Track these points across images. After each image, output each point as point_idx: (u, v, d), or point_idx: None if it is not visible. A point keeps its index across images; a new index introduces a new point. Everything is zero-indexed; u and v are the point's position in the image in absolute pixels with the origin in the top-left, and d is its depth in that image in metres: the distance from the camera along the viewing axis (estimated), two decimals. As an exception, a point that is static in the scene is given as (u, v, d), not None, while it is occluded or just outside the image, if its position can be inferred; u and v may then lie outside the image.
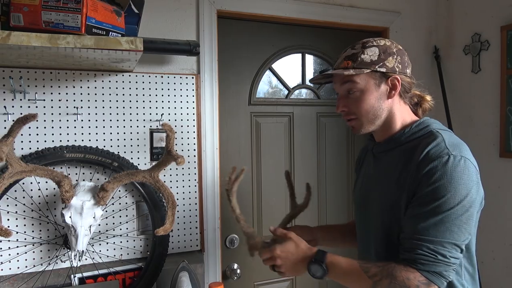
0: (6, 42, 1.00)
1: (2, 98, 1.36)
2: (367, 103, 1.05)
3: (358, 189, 1.22)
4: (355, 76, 1.04)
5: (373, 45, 1.05)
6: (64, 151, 1.40)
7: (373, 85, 1.04)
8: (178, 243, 1.60)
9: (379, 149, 1.12)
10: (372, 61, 1.03)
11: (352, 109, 1.07)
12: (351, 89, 1.06)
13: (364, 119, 1.07)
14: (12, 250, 1.39)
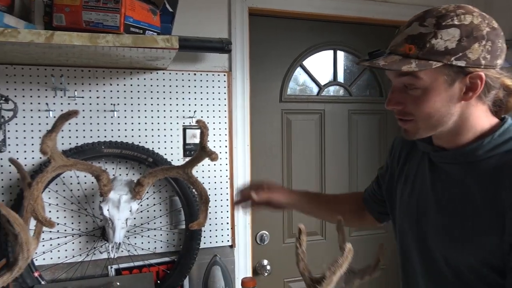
0: (50, 41, 1.05)
1: (44, 95, 1.43)
2: (431, 106, 0.78)
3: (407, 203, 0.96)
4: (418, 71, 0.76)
5: (453, 24, 0.74)
6: (102, 146, 1.45)
7: (442, 83, 0.77)
8: (209, 238, 1.63)
9: (443, 159, 0.87)
10: (447, 50, 0.73)
11: (409, 108, 0.81)
12: (411, 85, 0.79)
13: (423, 124, 0.81)
14: (53, 241, 1.46)
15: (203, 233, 1.58)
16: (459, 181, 0.83)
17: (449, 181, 0.85)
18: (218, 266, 1.38)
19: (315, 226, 1.93)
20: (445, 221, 0.85)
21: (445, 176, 0.87)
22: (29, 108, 1.41)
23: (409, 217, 0.95)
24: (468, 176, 0.81)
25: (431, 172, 0.90)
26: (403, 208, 0.98)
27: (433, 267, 0.88)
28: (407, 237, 0.96)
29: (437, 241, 0.87)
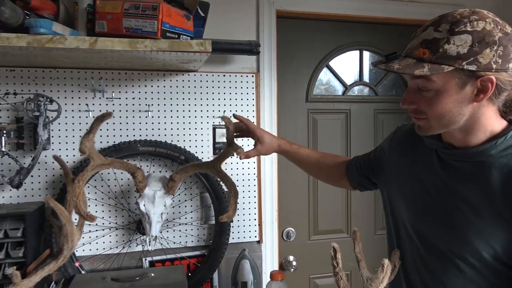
0: (93, 47, 1.13)
1: (84, 96, 1.52)
2: (443, 107, 0.82)
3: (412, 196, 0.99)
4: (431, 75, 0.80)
5: (465, 30, 0.77)
6: (138, 144, 1.53)
7: (454, 85, 0.80)
8: (238, 233, 1.69)
9: (453, 157, 0.91)
10: (459, 55, 0.77)
11: (422, 108, 0.86)
12: (424, 87, 0.83)
13: (435, 123, 0.86)
14: (92, 233, 1.55)
15: (231, 228, 1.64)
16: (470, 178, 0.87)
17: (460, 177, 0.89)
18: (247, 259, 1.44)
19: (340, 224, 1.96)
20: (455, 216, 0.88)
21: (455, 172, 0.90)
22: (71, 108, 1.51)
23: (414, 209, 0.98)
24: (480, 174, 0.85)
25: (441, 169, 0.93)
26: (408, 201, 1.01)
27: (436, 258, 0.92)
28: (408, 227, 1.00)
29: (443, 234, 0.90)
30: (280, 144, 1.34)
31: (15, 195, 1.47)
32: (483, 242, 0.84)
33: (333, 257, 0.85)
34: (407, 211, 1.01)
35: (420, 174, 0.98)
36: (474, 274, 0.87)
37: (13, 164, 1.43)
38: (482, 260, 0.85)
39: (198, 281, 1.59)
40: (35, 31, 1.09)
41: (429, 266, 0.95)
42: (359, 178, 1.25)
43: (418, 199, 0.97)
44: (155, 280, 1.40)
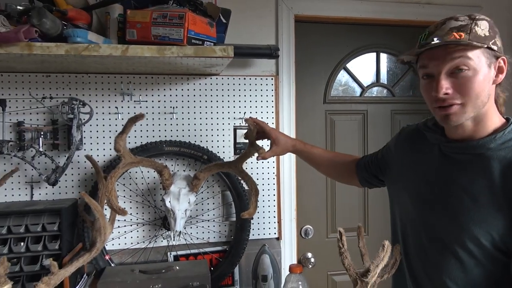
0: (125, 54, 1.22)
1: (114, 100, 1.62)
2: (480, 85, 0.87)
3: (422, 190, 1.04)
4: (469, 50, 0.86)
5: (483, 18, 0.89)
6: (163, 145, 1.62)
7: (485, 64, 0.87)
8: (258, 230, 1.76)
9: (455, 150, 0.97)
10: (486, 36, 0.87)
11: (460, 91, 0.88)
12: (463, 67, 0.87)
13: (471, 106, 0.89)
14: (121, 229, 1.64)
15: (252, 225, 1.71)
16: (470, 170, 0.93)
17: (461, 169, 0.95)
18: (267, 254, 1.50)
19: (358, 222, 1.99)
20: (456, 205, 0.94)
21: (456, 165, 0.96)
22: (102, 111, 1.60)
23: (418, 201, 1.04)
24: (480, 165, 0.91)
25: (443, 162, 0.99)
26: (413, 194, 1.07)
27: (438, 249, 0.98)
28: (413, 220, 1.06)
29: (446, 224, 0.96)
30: (294, 144, 1.40)
31: (51, 192, 1.58)
32: (482, 230, 0.89)
33: (339, 239, 0.93)
34: (412, 204, 1.07)
35: (424, 169, 1.04)
36: (474, 263, 0.92)
37: (49, 163, 1.53)
38: (481, 247, 0.90)
39: (220, 275, 1.66)
40: (72, 40, 1.19)
41: (432, 257, 1.01)
42: (367, 176, 1.31)
43: (422, 192, 1.04)
44: (180, 272, 1.48)
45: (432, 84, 0.92)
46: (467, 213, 0.92)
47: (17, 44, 1.14)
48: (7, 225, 1.38)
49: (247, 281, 1.70)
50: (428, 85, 0.93)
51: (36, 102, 1.54)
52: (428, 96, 0.95)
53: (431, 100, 0.94)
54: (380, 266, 0.89)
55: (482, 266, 0.92)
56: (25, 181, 1.56)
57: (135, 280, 1.43)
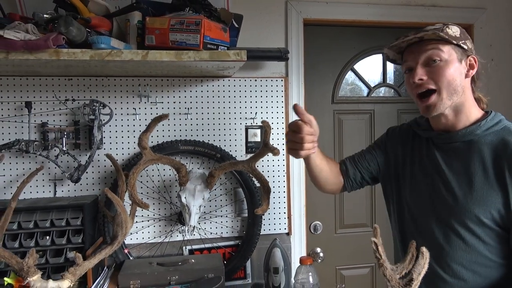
0: (145, 59, 1.30)
1: (132, 101, 1.70)
2: (451, 74, 1.03)
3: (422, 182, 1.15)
4: (441, 44, 1.02)
5: (454, 25, 1.07)
6: (179, 144, 1.70)
7: (456, 58, 1.04)
8: (269, 225, 1.83)
9: (446, 140, 1.10)
10: (456, 36, 1.04)
11: (433, 77, 1.04)
12: (435, 57, 1.03)
13: (445, 92, 1.04)
14: (138, 224, 1.73)
15: (263, 221, 1.78)
16: (463, 156, 1.07)
17: (454, 156, 1.09)
18: (278, 248, 1.57)
19: (365, 219, 2.06)
20: (456, 190, 1.06)
21: (449, 153, 1.10)
22: (121, 112, 1.69)
23: (419, 191, 1.15)
24: (471, 150, 1.06)
25: (437, 152, 1.12)
26: (412, 185, 1.17)
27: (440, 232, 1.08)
28: (411, 209, 1.16)
29: (447, 208, 1.07)
30: None
31: (73, 189, 1.67)
32: (482, 209, 1.02)
33: (375, 250, 0.92)
34: (410, 195, 1.17)
35: (420, 161, 1.17)
36: (476, 241, 1.03)
37: (72, 162, 1.62)
38: (483, 225, 1.02)
39: (232, 269, 1.74)
40: (97, 47, 1.27)
41: (437, 242, 1.10)
42: (353, 173, 1.31)
43: (422, 183, 1.15)
44: (195, 265, 1.56)
45: (410, 75, 1.08)
46: (465, 196, 1.04)
47: (46, 51, 1.23)
48: (34, 220, 1.47)
49: (258, 274, 1.77)
50: (408, 77, 1.09)
51: (60, 104, 1.63)
52: (409, 87, 1.10)
53: (411, 90, 1.09)
54: (422, 274, 0.91)
55: (485, 244, 1.02)
56: (49, 178, 1.65)
57: (153, 272, 1.51)
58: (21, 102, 1.61)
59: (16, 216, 1.45)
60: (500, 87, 2.07)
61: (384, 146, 1.33)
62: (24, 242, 1.45)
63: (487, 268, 1.04)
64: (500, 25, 2.07)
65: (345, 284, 2.05)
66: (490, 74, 2.07)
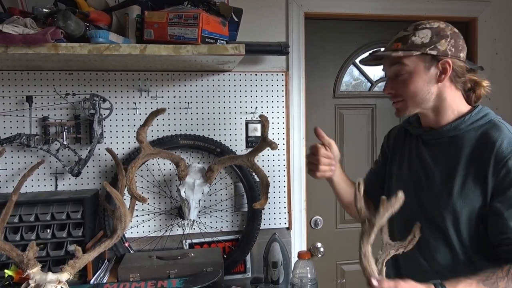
0: (143, 53, 1.30)
1: (132, 96, 1.71)
2: (415, 86, 1.05)
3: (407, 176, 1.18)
4: (404, 58, 1.04)
5: (425, 27, 1.05)
6: (179, 138, 1.70)
7: (422, 68, 1.05)
8: (269, 220, 1.83)
9: (433, 136, 1.13)
10: (423, 44, 1.03)
11: (399, 91, 1.08)
12: (399, 72, 1.07)
13: (410, 102, 1.08)
14: (139, 218, 1.74)
15: (263, 215, 1.79)
16: (449, 151, 1.08)
17: (440, 151, 1.11)
18: (277, 242, 1.57)
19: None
20: (439, 184, 1.08)
21: (436, 148, 1.12)
22: (121, 106, 1.69)
23: (410, 186, 1.16)
24: (455, 145, 1.08)
25: (426, 149, 1.15)
26: (402, 182, 1.20)
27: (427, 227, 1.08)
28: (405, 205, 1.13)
29: (434, 201, 1.09)
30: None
31: (74, 182, 1.68)
32: (463, 203, 1.03)
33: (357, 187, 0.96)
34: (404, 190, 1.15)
35: (409, 158, 1.20)
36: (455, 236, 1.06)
37: (72, 156, 1.63)
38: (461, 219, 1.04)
39: (232, 263, 1.74)
40: (95, 41, 1.27)
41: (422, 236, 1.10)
42: (374, 191, 1.29)
43: (408, 177, 1.18)
44: (195, 259, 1.57)
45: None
46: (448, 191, 1.06)
47: (44, 45, 1.23)
48: (35, 213, 1.49)
49: (258, 268, 1.78)
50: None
51: (60, 99, 1.64)
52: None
53: None
54: (389, 211, 0.92)
55: (463, 238, 1.04)
56: (50, 172, 1.66)
57: (153, 265, 1.52)
58: (22, 96, 1.62)
59: (17, 210, 1.47)
60: (504, 80, 2.05)
61: (385, 151, 1.35)
62: (25, 235, 1.47)
63: (457, 261, 1.07)
64: (505, 18, 2.04)
65: (346, 279, 2.05)
66: (494, 67, 2.05)
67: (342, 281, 2.05)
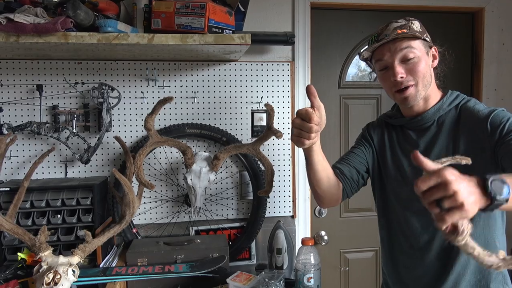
0: (151, 42, 1.33)
1: (140, 85, 1.73)
2: (424, 68, 1.13)
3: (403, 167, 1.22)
4: (412, 42, 1.11)
5: (415, 19, 1.16)
6: (185, 127, 1.73)
7: (425, 52, 1.15)
8: (273, 208, 1.86)
9: (420, 122, 1.19)
10: (420, 31, 1.13)
11: (411, 73, 1.12)
12: (409, 55, 1.11)
13: (421, 84, 1.13)
14: (146, 205, 1.77)
15: (268, 203, 1.81)
16: (435, 132, 1.17)
17: (428, 134, 1.18)
18: (282, 229, 1.60)
19: (370, 203, 2.08)
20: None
21: (423, 133, 1.19)
22: (129, 95, 1.72)
23: (401, 175, 1.22)
24: (440, 125, 1.17)
25: (412, 136, 1.21)
26: (396, 172, 1.24)
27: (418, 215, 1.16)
28: (396, 194, 1.24)
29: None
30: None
31: (83, 170, 1.72)
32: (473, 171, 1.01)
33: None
34: (395, 181, 1.24)
35: (398, 147, 1.25)
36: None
37: (81, 144, 1.67)
38: None
39: (237, 249, 1.78)
40: (104, 30, 1.29)
41: (414, 225, 1.19)
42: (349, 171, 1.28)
43: (402, 165, 1.22)
44: (201, 245, 1.60)
45: (388, 73, 1.15)
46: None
47: (54, 34, 1.26)
48: (46, 199, 1.53)
49: (263, 256, 1.81)
50: (386, 75, 1.16)
51: (70, 87, 1.67)
52: (387, 83, 1.17)
53: (390, 86, 1.17)
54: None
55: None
56: (60, 160, 1.70)
57: (160, 250, 1.56)
58: (32, 85, 1.65)
59: (28, 195, 1.50)
60: (511, 71, 2.04)
61: (368, 139, 1.35)
62: (36, 220, 1.51)
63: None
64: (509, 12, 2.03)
65: (349, 267, 2.09)
66: (501, 58, 2.04)
67: (346, 269, 2.08)
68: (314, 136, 1.03)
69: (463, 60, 2.09)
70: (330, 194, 1.23)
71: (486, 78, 2.04)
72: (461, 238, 0.70)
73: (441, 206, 0.68)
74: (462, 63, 2.09)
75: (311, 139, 1.03)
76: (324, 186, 1.20)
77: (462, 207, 0.66)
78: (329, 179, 1.20)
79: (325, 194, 1.22)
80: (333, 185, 1.22)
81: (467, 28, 2.09)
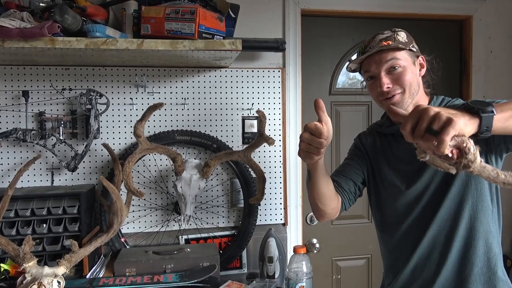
0: (140, 47, 1.31)
1: (129, 91, 1.71)
2: (410, 77, 1.15)
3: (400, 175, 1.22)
4: (397, 53, 1.14)
5: (401, 30, 1.19)
6: (175, 134, 1.70)
7: (411, 62, 1.17)
8: (265, 216, 1.84)
9: None
10: (405, 42, 1.16)
11: (398, 83, 1.14)
12: (395, 66, 1.14)
13: (408, 92, 1.15)
14: (135, 213, 1.74)
15: (259, 211, 1.79)
16: None
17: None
18: (273, 237, 1.58)
19: (362, 210, 2.07)
20: (425, 168, 1.16)
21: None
22: (117, 102, 1.69)
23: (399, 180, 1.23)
24: None
25: (402, 143, 1.16)
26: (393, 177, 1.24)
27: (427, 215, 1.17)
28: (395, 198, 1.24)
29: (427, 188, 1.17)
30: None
31: (70, 178, 1.68)
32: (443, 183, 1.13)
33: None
34: (391, 187, 1.25)
35: (391, 154, 1.26)
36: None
37: (69, 151, 1.63)
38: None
39: (228, 258, 1.75)
40: (92, 35, 1.27)
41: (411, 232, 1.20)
42: (346, 183, 1.30)
43: (397, 172, 1.24)
44: (191, 254, 1.57)
45: (376, 83, 1.17)
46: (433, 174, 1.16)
47: (41, 39, 1.23)
48: (31, 208, 1.49)
49: (254, 264, 1.79)
50: (373, 84, 1.19)
51: (57, 94, 1.63)
52: (375, 93, 1.19)
53: (377, 95, 1.18)
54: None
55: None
56: (46, 167, 1.66)
57: (149, 260, 1.52)
58: (18, 91, 1.62)
59: (13, 204, 1.47)
60: (498, 78, 2.07)
61: (362, 150, 1.36)
62: (21, 229, 1.47)
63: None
64: (500, 17, 2.06)
65: (341, 275, 2.07)
66: (489, 65, 2.06)
67: (338, 277, 2.07)
68: (323, 151, 1.03)
69: (451, 67, 2.11)
70: (331, 209, 1.23)
71: (474, 85, 2.06)
72: (471, 157, 0.68)
73: (433, 131, 0.69)
74: (451, 71, 2.11)
75: (320, 154, 1.03)
76: (326, 200, 1.20)
77: (451, 120, 0.70)
78: (331, 193, 1.21)
79: (326, 208, 1.21)
80: (334, 199, 1.23)
81: (455, 36, 2.11)
